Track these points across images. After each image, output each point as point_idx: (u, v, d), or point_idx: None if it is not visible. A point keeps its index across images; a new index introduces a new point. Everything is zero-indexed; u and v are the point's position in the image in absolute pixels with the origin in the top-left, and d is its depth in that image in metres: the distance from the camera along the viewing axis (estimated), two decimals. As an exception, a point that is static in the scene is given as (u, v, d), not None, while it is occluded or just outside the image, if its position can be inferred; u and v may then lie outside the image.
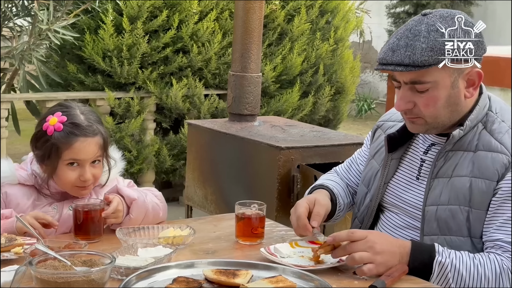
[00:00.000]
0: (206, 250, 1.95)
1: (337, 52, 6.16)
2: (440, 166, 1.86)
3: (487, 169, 1.79)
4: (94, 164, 2.09)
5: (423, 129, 1.87)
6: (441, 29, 1.78)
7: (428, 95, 1.80)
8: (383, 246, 1.73)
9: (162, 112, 5.54)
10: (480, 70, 1.84)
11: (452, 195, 1.82)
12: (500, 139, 1.81)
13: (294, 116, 5.82)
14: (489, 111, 1.87)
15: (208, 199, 3.80)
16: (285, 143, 3.37)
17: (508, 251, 1.74)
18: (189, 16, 5.39)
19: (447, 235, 1.81)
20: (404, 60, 1.76)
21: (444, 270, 1.72)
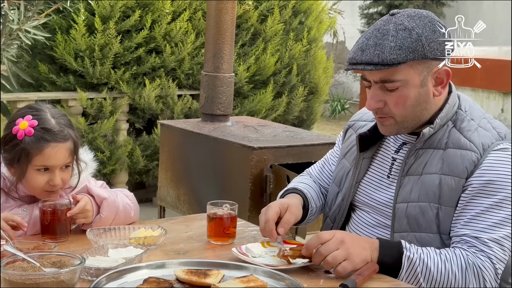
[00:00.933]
0: (178, 251, 1.95)
1: (311, 53, 6.18)
2: (410, 164, 1.88)
3: (456, 166, 1.81)
4: (64, 168, 2.07)
5: (394, 130, 1.89)
6: (410, 26, 1.79)
7: (398, 93, 1.82)
8: (352, 241, 1.74)
9: (135, 112, 5.51)
10: (448, 69, 1.86)
11: (422, 192, 1.84)
12: (469, 137, 1.83)
13: (267, 116, 5.83)
14: (458, 109, 1.90)
15: (180, 199, 3.79)
16: (258, 143, 3.37)
17: (474, 246, 1.75)
18: (162, 16, 5.38)
19: (416, 232, 1.83)
20: (374, 59, 1.78)
21: (413, 265, 1.74)
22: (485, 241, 1.75)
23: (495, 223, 1.76)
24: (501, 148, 1.81)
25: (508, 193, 1.77)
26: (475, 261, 1.73)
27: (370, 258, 1.75)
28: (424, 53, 1.79)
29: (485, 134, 1.84)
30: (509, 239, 1.77)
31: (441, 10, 10.57)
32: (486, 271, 1.73)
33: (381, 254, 1.75)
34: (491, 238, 1.75)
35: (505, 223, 1.76)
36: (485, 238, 1.75)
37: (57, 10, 5.10)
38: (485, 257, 1.74)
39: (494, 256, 1.74)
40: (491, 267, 1.74)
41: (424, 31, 1.79)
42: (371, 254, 1.75)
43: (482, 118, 1.89)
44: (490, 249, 1.74)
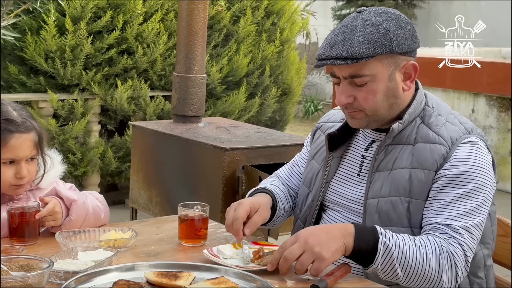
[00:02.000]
0: (148, 253, 1.93)
1: (283, 54, 6.19)
2: (380, 160, 1.90)
3: (425, 160, 1.84)
4: (30, 161, 2.05)
5: (364, 123, 1.90)
6: (377, 22, 1.82)
7: (367, 88, 1.85)
8: (318, 237, 1.72)
9: (107, 114, 5.47)
10: (415, 63, 1.89)
11: (393, 187, 1.86)
12: (438, 131, 1.86)
13: (241, 117, 5.82)
14: (426, 106, 1.93)
15: (153, 201, 3.77)
16: (230, 144, 3.37)
17: (445, 233, 1.77)
18: (134, 17, 5.35)
19: (388, 226, 1.84)
20: (343, 54, 1.80)
21: (389, 251, 1.73)
22: (456, 228, 1.77)
23: (465, 212, 1.78)
24: (469, 141, 1.84)
25: (478, 184, 1.80)
26: (448, 247, 1.75)
27: (343, 246, 1.72)
28: (392, 47, 1.82)
29: (453, 128, 1.87)
30: (478, 228, 1.80)
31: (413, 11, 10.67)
32: (458, 257, 1.75)
33: (357, 239, 1.73)
34: (462, 225, 1.77)
35: (474, 213, 1.79)
36: (456, 226, 1.77)
37: (27, 11, 5.05)
38: (457, 244, 1.76)
39: (465, 243, 1.76)
40: (462, 254, 1.76)
41: (391, 26, 1.83)
42: (344, 242, 1.73)
43: (449, 113, 1.93)
44: (461, 236, 1.76)
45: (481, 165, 1.82)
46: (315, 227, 1.80)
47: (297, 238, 1.73)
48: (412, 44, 1.86)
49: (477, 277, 1.91)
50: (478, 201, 1.80)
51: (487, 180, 1.82)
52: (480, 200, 1.80)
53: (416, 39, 1.88)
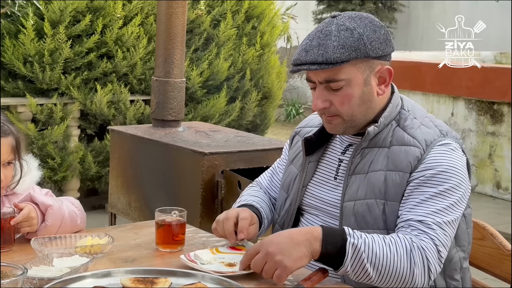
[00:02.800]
0: (125, 259, 1.92)
1: (264, 58, 6.19)
2: (356, 163, 1.91)
3: (400, 161, 1.85)
4: (6, 165, 2.03)
5: (341, 129, 1.91)
6: (352, 26, 1.84)
7: (343, 93, 1.86)
8: (280, 245, 1.71)
9: (86, 118, 5.44)
10: (390, 68, 1.90)
11: (369, 189, 1.86)
12: (413, 133, 1.88)
13: (221, 121, 5.82)
14: (401, 109, 1.94)
15: (132, 206, 3.75)
16: (209, 149, 3.36)
17: (417, 229, 1.78)
18: (113, 20, 5.32)
19: (364, 229, 1.84)
20: (318, 59, 1.82)
21: (358, 251, 1.72)
22: (429, 224, 1.78)
23: (438, 209, 1.79)
24: (444, 143, 1.86)
25: (453, 184, 1.82)
26: (419, 242, 1.75)
27: (308, 252, 1.71)
28: (366, 52, 1.83)
29: (427, 131, 1.88)
30: (451, 226, 1.81)
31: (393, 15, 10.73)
32: (429, 251, 1.75)
33: (324, 242, 1.72)
34: (434, 221, 1.78)
35: (448, 211, 1.80)
36: (428, 221, 1.78)
37: (5, 15, 5.01)
38: (428, 239, 1.76)
39: (436, 238, 1.77)
40: (433, 249, 1.76)
41: (365, 30, 1.84)
42: (309, 247, 1.71)
43: (425, 117, 1.94)
44: (433, 231, 1.77)
45: (456, 167, 1.83)
46: (279, 234, 1.77)
47: (260, 247, 1.72)
48: (386, 48, 1.87)
49: (453, 280, 1.92)
50: (452, 200, 1.81)
51: (462, 181, 1.84)
52: (454, 200, 1.82)
53: (391, 43, 1.90)
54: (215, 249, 1.95)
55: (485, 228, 2.11)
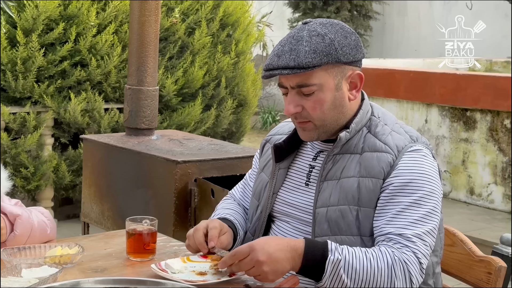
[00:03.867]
0: (95, 268, 1.91)
1: (239, 65, 6.20)
2: (328, 169, 1.91)
3: (373, 168, 1.86)
4: None
5: (315, 135, 1.93)
6: (323, 32, 1.86)
7: (315, 98, 1.87)
8: (272, 257, 1.72)
9: (60, 127, 5.40)
10: (361, 73, 1.92)
11: (341, 196, 1.87)
12: (384, 140, 1.90)
13: (197, 129, 5.80)
14: (372, 116, 1.96)
15: (105, 215, 3.73)
16: (182, 157, 3.35)
17: (399, 242, 1.79)
18: (87, 29, 5.30)
19: (337, 235, 1.86)
20: (290, 63, 1.83)
21: (337, 268, 1.74)
22: (409, 237, 1.79)
23: (416, 220, 1.81)
24: (414, 149, 1.88)
25: (426, 191, 1.83)
26: (401, 256, 1.77)
27: (290, 267, 1.74)
28: (338, 57, 1.85)
29: (398, 137, 1.90)
30: (430, 235, 1.83)
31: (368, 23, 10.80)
32: (412, 265, 1.77)
33: (305, 259, 1.75)
34: (414, 233, 1.79)
35: (425, 220, 1.82)
36: (408, 234, 1.79)
37: (-23, 23, 4.97)
38: (410, 252, 1.78)
39: (418, 251, 1.78)
40: (416, 262, 1.77)
41: (336, 36, 1.86)
42: (292, 263, 1.74)
43: (395, 123, 1.96)
44: (414, 244, 1.78)
45: (427, 173, 1.85)
46: (270, 244, 1.75)
47: (249, 251, 1.72)
48: (357, 54, 1.89)
49: (426, 285, 1.93)
50: (428, 208, 1.83)
51: (435, 187, 1.86)
52: (430, 207, 1.83)
53: (361, 49, 1.92)
54: (186, 258, 1.94)
55: (455, 234, 2.13)
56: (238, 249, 1.74)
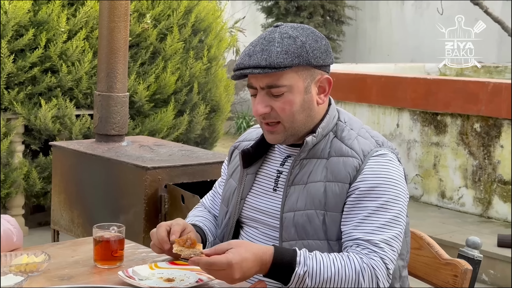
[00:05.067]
0: (62, 276, 1.89)
1: (211, 71, 6.20)
2: (295, 174, 1.92)
3: (339, 172, 1.87)
4: None
5: (282, 138, 1.93)
6: (294, 35, 1.88)
7: (284, 99, 1.88)
8: (244, 274, 1.73)
9: (31, 133, 5.36)
10: (330, 78, 1.94)
11: (308, 200, 1.88)
12: (350, 144, 1.91)
13: (169, 135, 5.79)
14: (338, 121, 1.98)
15: (75, 222, 3.70)
16: (152, 163, 3.34)
17: (367, 248, 1.80)
18: (57, 35, 5.26)
19: (305, 240, 1.87)
20: (261, 63, 1.84)
21: (302, 278, 1.75)
22: (377, 243, 1.80)
23: (382, 224, 1.83)
24: (380, 154, 1.89)
25: (391, 196, 1.85)
26: (369, 262, 1.78)
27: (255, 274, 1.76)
28: (309, 60, 1.87)
29: (364, 142, 1.92)
30: (397, 239, 1.84)
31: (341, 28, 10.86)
32: (379, 270, 1.78)
33: (270, 272, 1.76)
34: (381, 239, 1.81)
35: (392, 224, 1.84)
36: (376, 240, 1.81)
37: None
38: (378, 258, 1.79)
39: (386, 256, 1.80)
40: (383, 267, 1.79)
41: (307, 39, 1.88)
42: (260, 272, 1.76)
43: (361, 128, 1.98)
44: (382, 250, 1.80)
45: (393, 178, 1.87)
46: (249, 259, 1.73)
47: (227, 267, 1.71)
48: (327, 58, 1.92)
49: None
50: (394, 213, 1.85)
51: (400, 192, 1.87)
52: (396, 211, 1.85)
53: (331, 55, 1.94)
54: (154, 264, 1.94)
55: (422, 237, 2.14)
56: (216, 261, 1.72)
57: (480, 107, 5.41)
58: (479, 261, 2.09)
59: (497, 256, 4.50)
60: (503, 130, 5.31)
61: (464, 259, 2.06)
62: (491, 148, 5.39)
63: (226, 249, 1.74)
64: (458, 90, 5.57)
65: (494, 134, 5.37)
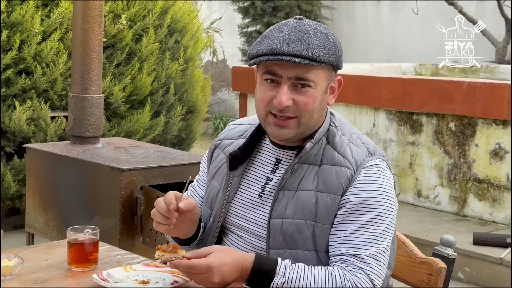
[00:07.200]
0: (35, 280, 1.88)
1: (188, 72, 6.18)
2: (286, 179, 1.87)
3: (331, 183, 1.82)
4: None
5: (293, 133, 1.86)
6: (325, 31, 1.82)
7: (308, 94, 1.81)
8: (225, 280, 1.72)
9: (5, 136, 5.30)
10: (341, 79, 1.90)
11: (298, 209, 1.83)
12: (343, 152, 1.86)
13: (146, 136, 5.76)
14: (330, 125, 1.92)
15: (50, 225, 3.67)
16: (128, 165, 3.32)
17: (352, 264, 1.77)
18: (32, 36, 5.22)
19: (293, 249, 1.83)
20: (303, 53, 1.76)
21: None
22: (363, 258, 1.77)
23: (370, 239, 1.79)
24: (371, 165, 1.84)
25: (381, 209, 1.81)
26: (352, 279, 1.75)
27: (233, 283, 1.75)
28: (338, 60, 1.82)
29: (356, 150, 1.87)
30: (385, 254, 1.81)
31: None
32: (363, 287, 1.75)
33: (250, 279, 1.75)
34: (369, 254, 1.78)
35: (379, 239, 1.80)
36: (363, 255, 1.78)
37: None
38: (363, 274, 1.76)
39: (372, 272, 1.77)
40: (368, 284, 1.76)
41: (337, 39, 1.84)
42: (240, 281, 1.75)
43: (352, 133, 1.92)
44: (368, 266, 1.77)
45: (384, 190, 1.83)
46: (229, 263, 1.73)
47: (207, 270, 1.70)
48: (339, 58, 1.85)
49: None
50: (383, 227, 1.81)
51: (391, 204, 1.84)
52: (385, 225, 1.82)
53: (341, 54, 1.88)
54: (129, 267, 1.93)
55: (397, 237, 2.15)
56: (196, 265, 1.71)
57: (455, 107, 5.45)
58: (454, 259, 2.10)
59: (473, 254, 4.53)
60: (477, 129, 5.35)
61: (438, 257, 2.07)
62: (466, 147, 5.44)
63: (208, 253, 1.72)
64: (433, 89, 5.61)
65: (469, 133, 5.41)
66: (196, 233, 2.00)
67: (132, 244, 3.22)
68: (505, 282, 4.36)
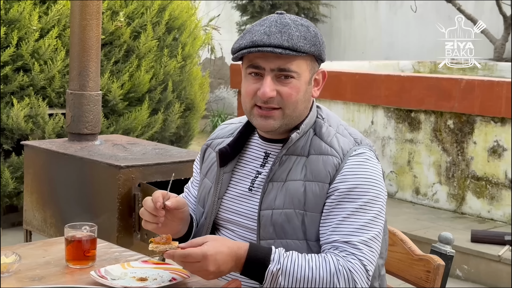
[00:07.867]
0: (33, 277, 1.87)
1: (186, 69, 6.17)
2: (275, 171, 1.89)
3: (319, 172, 1.85)
4: None
5: (278, 124, 1.89)
6: (305, 24, 1.86)
7: (291, 84, 1.85)
8: (219, 268, 1.73)
9: (3, 133, 5.30)
10: (325, 71, 1.94)
11: (287, 199, 1.86)
12: (330, 142, 1.89)
13: (144, 133, 5.76)
14: (317, 118, 1.95)
15: (47, 222, 3.67)
16: (125, 162, 3.32)
17: (345, 250, 1.79)
18: (29, 33, 5.21)
19: (283, 239, 1.85)
20: (284, 43, 1.81)
21: (276, 277, 1.75)
22: (355, 244, 1.79)
23: (361, 226, 1.81)
24: (358, 153, 1.88)
25: (370, 196, 1.84)
26: (345, 264, 1.77)
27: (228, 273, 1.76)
28: (320, 51, 1.86)
29: (343, 140, 1.90)
30: (376, 240, 1.84)
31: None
32: (357, 273, 1.77)
33: (244, 270, 1.76)
34: (360, 240, 1.80)
35: (371, 225, 1.83)
36: (355, 241, 1.80)
37: None
38: (356, 260, 1.78)
39: (364, 258, 1.79)
40: (361, 269, 1.78)
41: (317, 31, 1.87)
42: (235, 270, 1.76)
43: (339, 125, 1.96)
44: (360, 251, 1.79)
45: (372, 177, 1.86)
46: (224, 252, 1.74)
47: (202, 259, 1.71)
48: (325, 53, 1.91)
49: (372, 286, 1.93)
50: (373, 213, 1.84)
51: (379, 191, 1.87)
52: (375, 212, 1.84)
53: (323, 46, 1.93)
54: (126, 263, 1.93)
55: (395, 234, 2.15)
56: (191, 254, 1.72)
57: (453, 104, 5.45)
58: (452, 257, 2.10)
59: (471, 251, 4.54)
60: (476, 126, 5.36)
61: (436, 254, 2.08)
62: (464, 144, 5.44)
63: (202, 242, 1.74)
64: (431, 87, 5.61)
65: (467, 130, 5.42)
66: (188, 232, 2.01)
67: (130, 241, 3.22)
68: (503, 280, 4.36)
